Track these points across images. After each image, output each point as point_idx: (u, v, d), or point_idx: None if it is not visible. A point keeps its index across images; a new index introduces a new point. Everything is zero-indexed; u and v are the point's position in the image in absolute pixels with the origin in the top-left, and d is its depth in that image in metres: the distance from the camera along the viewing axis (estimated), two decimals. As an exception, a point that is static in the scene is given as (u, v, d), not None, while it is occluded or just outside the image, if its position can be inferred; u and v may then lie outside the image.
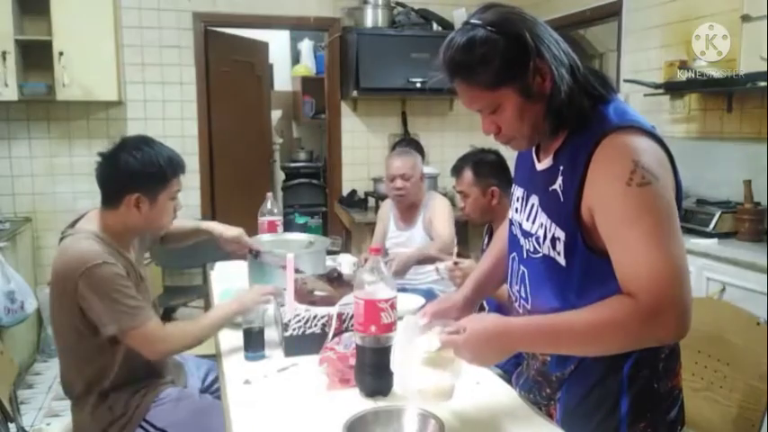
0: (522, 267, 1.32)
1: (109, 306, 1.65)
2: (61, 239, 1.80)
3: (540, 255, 1.24)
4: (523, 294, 1.31)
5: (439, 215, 2.97)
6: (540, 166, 1.26)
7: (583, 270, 1.16)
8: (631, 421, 1.22)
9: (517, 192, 1.36)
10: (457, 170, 2.46)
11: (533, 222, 1.26)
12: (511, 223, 1.39)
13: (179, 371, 1.99)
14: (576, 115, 1.16)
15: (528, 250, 1.28)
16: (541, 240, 1.23)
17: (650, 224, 1.06)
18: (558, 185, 1.18)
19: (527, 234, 1.28)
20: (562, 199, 1.17)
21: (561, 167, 1.18)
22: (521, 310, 1.34)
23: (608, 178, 1.09)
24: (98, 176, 1.81)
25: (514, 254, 1.36)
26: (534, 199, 1.27)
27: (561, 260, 1.18)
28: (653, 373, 1.23)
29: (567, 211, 1.16)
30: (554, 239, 1.19)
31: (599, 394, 1.23)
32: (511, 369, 1.61)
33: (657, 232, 1.06)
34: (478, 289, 1.52)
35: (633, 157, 1.08)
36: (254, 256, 2.12)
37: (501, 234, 1.57)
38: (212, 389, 2.03)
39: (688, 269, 1.08)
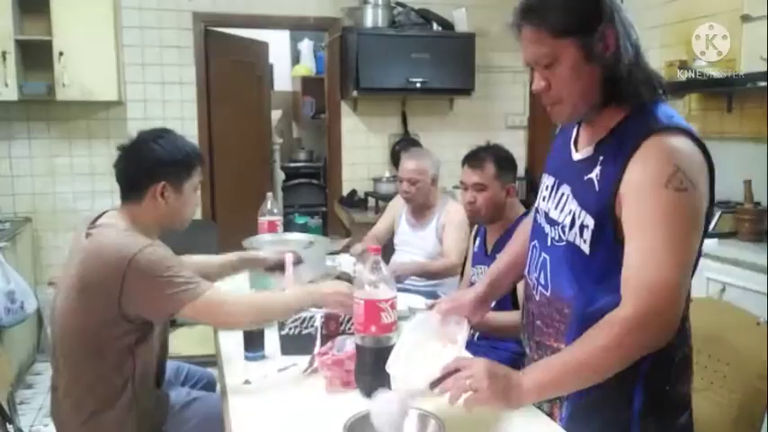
0: (543, 254, 1.33)
1: (166, 285, 1.54)
2: (87, 235, 1.64)
3: (564, 243, 1.26)
4: (543, 281, 1.33)
5: (451, 232, 2.87)
6: (577, 156, 1.28)
7: (605, 259, 1.19)
8: (643, 419, 1.23)
9: (547, 181, 1.36)
10: (477, 161, 2.30)
11: (561, 211, 1.28)
12: (536, 211, 1.40)
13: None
14: (629, 95, 1.18)
15: (552, 238, 1.30)
16: (568, 228, 1.25)
17: (672, 230, 1.10)
18: (594, 175, 1.20)
19: (553, 222, 1.30)
20: (597, 188, 1.19)
21: (601, 158, 1.20)
22: (538, 297, 1.35)
23: (646, 175, 1.12)
24: (120, 170, 1.73)
25: (536, 242, 1.37)
26: (565, 188, 1.28)
27: (586, 248, 1.21)
28: (667, 376, 1.25)
29: (601, 201, 1.18)
30: (582, 227, 1.21)
31: (613, 387, 1.22)
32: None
33: (676, 240, 1.10)
34: (492, 286, 1.53)
35: (675, 160, 1.11)
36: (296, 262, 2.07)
37: (518, 233, 1.59)
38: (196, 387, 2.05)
39: (688, 281, 1.13)
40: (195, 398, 1.84)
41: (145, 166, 1.70)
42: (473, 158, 2.33)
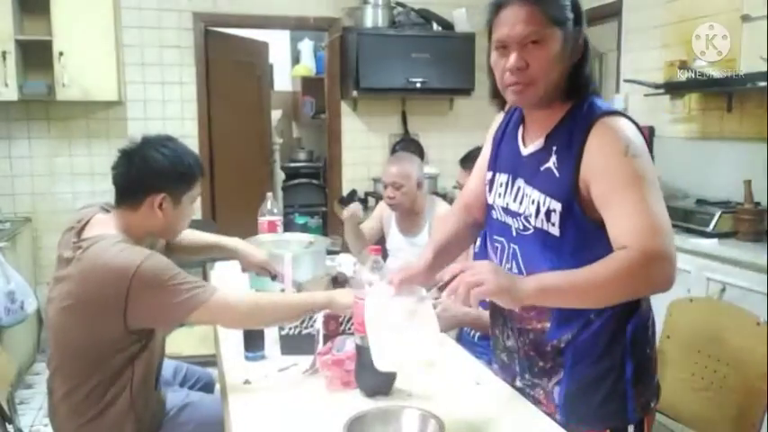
0: (512, 246, 1.39)
1: (174, 293, 1.51)
2: (76, 249, 1.59)
3: (531, 230, 1.33)
4: (516, 270, 1.37)
5: None
6: (526, 151, 1.38)
7: (575, 237, 1.28)
8: (634, 384, 1.33)
9: (501, 178, 1.43)
10: (472, 162, 2.28)
11: (521, 203, 1.35)
12: (492, 209, 1.45)
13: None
14: (580, 92, 1.31)
15: (517, 228, 1.37)
16: (533, 216, 1.32)
17: (643, 188, 1.21)
18: (552, 163, 1.31)
19: (515, 214, 1.37)
20: (558, 174, 1.29)
21: (555, 147, 1.31)
22: None
23: (606, 151, 1.24)
24: (118, 175, 1.67)
25: (498, 237, 1.43)
26: (520, 182, 1.37)
27: (555, 231, 1.29)
28: (646, 340, 1.37)
29: (563, 184, 1.27)
30: (549, 212, 1.29)
31: (607, 361, 1.32)
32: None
33: (649, 195, 1.21)
34: (438, 255, 1.52)
35: (626, 134, 1.25)
36: (272, 278, 2.09)
37: (440, 220, 1.72)
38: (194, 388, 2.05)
39: (671, 228, 1.23)
40: (191, 401, 1.82)
41: (146, 174, 1.64)
42: (467, 160, 2.33)
